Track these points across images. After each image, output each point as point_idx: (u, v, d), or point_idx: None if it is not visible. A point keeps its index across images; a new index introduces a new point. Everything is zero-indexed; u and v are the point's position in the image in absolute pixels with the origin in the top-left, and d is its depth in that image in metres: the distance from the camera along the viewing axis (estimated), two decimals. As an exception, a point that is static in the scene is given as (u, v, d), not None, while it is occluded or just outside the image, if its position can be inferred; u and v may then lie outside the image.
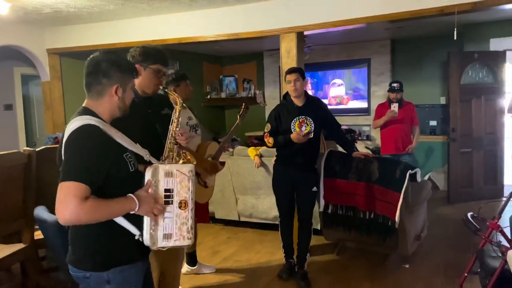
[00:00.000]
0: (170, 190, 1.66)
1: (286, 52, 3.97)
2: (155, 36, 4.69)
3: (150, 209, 1.60)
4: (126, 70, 1.67)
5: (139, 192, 1.61)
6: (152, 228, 1.63)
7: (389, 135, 4.89)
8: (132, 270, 1.67)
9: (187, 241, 1.69)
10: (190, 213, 1.68)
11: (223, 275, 3.66)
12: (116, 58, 1.66)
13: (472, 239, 3.85)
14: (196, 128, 3.32)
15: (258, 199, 4.63)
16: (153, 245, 1.64)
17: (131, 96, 1.73)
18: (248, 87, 8.05)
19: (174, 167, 1.69)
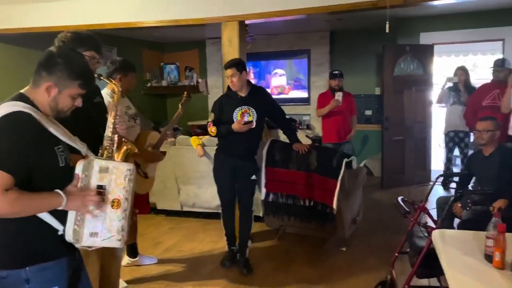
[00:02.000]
0: (103, 187, 1.57)
1: (228, 41, 3.95)
2: (92, 21, 4.45)
3: (80, 204, 1.52)
4: (72, 75, 1.55)
5: (68, 188, 1.53)
6: (77, 223, 1.53)
7: (332, 125, 5.02)
8: (56, 267, 1.56)
9: (115, 242, 1.59)
10: (122, 213, 1.59)
11: (166, 266, 3.63)
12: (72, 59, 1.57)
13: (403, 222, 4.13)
14: (135, 117, 3.23)
15: (201, 188, 4.61)
16: (77, 242, 1.55)
17: (68, 103, 1.59)
18: (190, 76, 7.92)
19: (111, 163, 1.62)
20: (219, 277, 3.41)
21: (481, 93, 4.68)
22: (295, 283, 3.27)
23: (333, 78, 4.97)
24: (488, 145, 3.29)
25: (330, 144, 5.01)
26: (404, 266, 3.08)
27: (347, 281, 3.28)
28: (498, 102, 4.29)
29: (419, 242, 2.56)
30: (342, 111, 4.95)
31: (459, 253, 1.91)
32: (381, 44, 5.98)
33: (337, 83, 4.93)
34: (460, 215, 3.17)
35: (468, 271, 1.73)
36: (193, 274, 3.47)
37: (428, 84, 6.03)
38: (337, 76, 4.94)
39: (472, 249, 1.94)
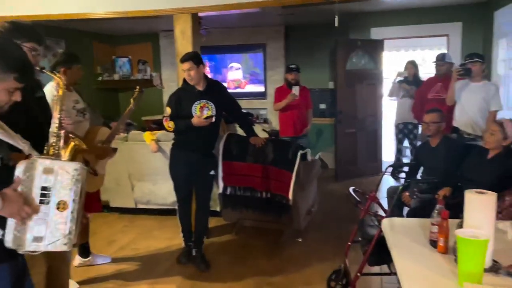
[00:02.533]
0: (48, 188, 1.48)
1: (180, 34, 3.88)
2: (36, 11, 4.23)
3: (16, 211, 1.41)
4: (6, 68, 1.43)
5: (5, 190, 1.41)
6: (17, 229, 1.44)
7: (288, 118, 5.05)
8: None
9: (61, 247, 1.51)
10: (69, 215, 1.52)
11: (120, 264, 3.54)
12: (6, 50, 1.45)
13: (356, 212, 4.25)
14: (84, 112, 3.10)
15: (156, 185, 4.52)
16: (19, 248, 1.46)
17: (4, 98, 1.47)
18: (144, 69, 7.73)
19: (57, 164, 1.52)
20: (175, 274, 3.36)
21: (426, 86, 4.89)
22: (252, 276, 3.28)
23: (289, 72, 5.01)
24: (435, 136, 3.44)
25: (287, 138, 5.05)
26: (357, 254, 3.17)
27: (303, 271, 3.34)
28: (442, 95, 4.50)
29: (370, 231, 2.64)
30: (298, 105, 5.01)
31: (407, 240, 1.98)
32: (334, 39, 6.10)
33: (293, 77, 4.97)
34: (409, 203, 3.31)
35: (414, 256, 1.80)
36: (148, 272, 3.41)
37: (379, 78, 6.22)
38: (293, 70, 4.98)
39: (419, 235, 2.02)
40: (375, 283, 3.04)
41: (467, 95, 4.01)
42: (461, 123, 4.06)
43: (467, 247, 1.51)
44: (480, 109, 3.93)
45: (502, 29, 5.25)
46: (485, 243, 1.51)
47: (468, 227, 1.65)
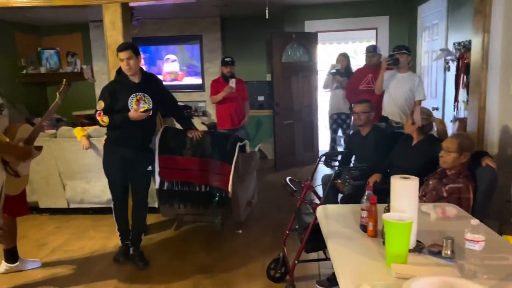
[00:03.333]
0: None
1: (110, 24, 3.71)
2: None
3: None
4: None
5: None
6: None
7: (225, 111, 5.06)
8: None
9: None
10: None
11: (52, 268, 3.35)
12: None
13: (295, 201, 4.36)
14: (2, 108, 2.86)
15: (89, 183, 4.32)
16: None
17: None
18: (73, 61, 7.32)
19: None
20: (112, 274, 3.24)
21: (357, 78, 5.10)
22: (192, 271, 3.25)
23: (225, 65, 5.00)
24: (365, 126, 3.60)
25: (225, 130, 5.05)
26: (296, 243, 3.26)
27: (243, 263, 3.36)
28: (373, 86, 4.72)
29: (306, 218, 2.72)
30: (235, 97, 5.02)
31: (339, 226, 2.06)
32: (270, 31, 6.16)
33: (228, 70, 4.98)
34: (343, 190, 3.44)
35: (346, 241, 1.87)
36: (83, 275, 3.25)
37: (313, 70, 6.38)
38: (228, 63, 4.99)
39: (350, 221, 2.10)
40: (313, 269, 3.14)
41: (395, 85, 4.25)
42: (390, 112, 4.31)
43: (393, 230, 1.60)
44: (406, 99, 4.20)
45: (424, 22, 5.60)
46: (410, 225, 1.60)
47: (394, 211, 1.74)
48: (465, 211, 2.32)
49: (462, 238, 1.58)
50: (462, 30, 4.32)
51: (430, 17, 5.35)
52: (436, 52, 4.92)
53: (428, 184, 2.74)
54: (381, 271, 1.61)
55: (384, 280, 1.52)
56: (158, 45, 7.34)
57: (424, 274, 1.55)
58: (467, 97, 3.93)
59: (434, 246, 1.74)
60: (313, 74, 6.37)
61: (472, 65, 3.55)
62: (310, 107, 6.40)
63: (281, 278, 2.98)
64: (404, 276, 1.53)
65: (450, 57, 4.52)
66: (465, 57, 4.04)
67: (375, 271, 1.61)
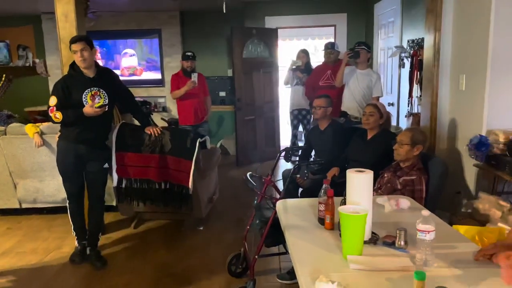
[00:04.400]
0: None
1: (63, 16, 3.55)
2: None
3: None
4: None
5: None
6: None
7: (189, 107, 4.98)
8: None
9: None
10: None
11: (2, 273, 3.19)
12: None
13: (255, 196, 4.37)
14: None
15: (43, 181, 4.14)
16: None
17: None
18: (25, 55, 6.95)
19: None
20: (68, 276, 3.14)
21: (316, 74, 5.18)
22: (152, 269, 3.20)
23: (186, 59, 4.94)
24: (323, 120, 3.66)
25: (188, 126, 4.99)
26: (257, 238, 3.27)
27: (205, 259, 3.34)
28: (332, 82, 4.80)
29: (267, 213, 2.73)
30: (197, 93, 4.97)
31: (298, 220, 2.09)
32: (230, 26, 6.13)
33: (189, 65, 4.92)
34: (302, 184, 3.48)
35: (304, 234, 1.90)
36: (36, 278, 3.11)
37: (274, 66, 6.42)
38: (189, 57, 4.93)
39: (309, 214, 2.14)
40: (274, 263, 3.17)
41: (354, 81, 4.35)
42: (349, 108, 4.41)
43: (348, 222, 1.64)
44: (365, 95, 4.32)
45: (380, 20, 5.76)
46: (364, 217, 1.64)
47: (350, 204, 1.78)
48: (418, 203, 2.41)
49: (415, 229, 1.63)
50: (415, 28, 4.47)
51: (386, 15, 5.50)
52: (392, 49, 5.07)
53: (383, 177, 2.83)
54: (337, 262, 1.65)
55: (341, 271, 1.55)
56: (116, 39, 7.14)
57: (378, 264, 1.60)
58: (420, 92, 4.08)
59: (388, 237, 1.80)
60: (273, 70, 6.41)
61: (425, 62, 3.69)
62: (271, 102, 6.43)
63: (242, 273, 2.99)
64: (359, 267, 1.57)
65: (404, 54, 4.68)
66: (419, 54, 4.19)
67: (332, 263, 1.64)
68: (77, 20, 3.56)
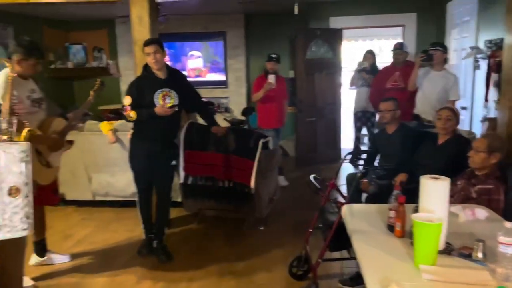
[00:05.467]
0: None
1: (137, 20, 3.74)
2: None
3: None
4: None
5: None
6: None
7: (271, 111, 4.95)
8: None
9: (20, 232, 1.46)
10: (24, 200, 1.45)
11: (77, 259, 3.42)
12: None
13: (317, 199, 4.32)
14: (41, 102, 2.95)
15: (114, 176, 4.39)
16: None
17: None
18: (99, 57, 7.45)
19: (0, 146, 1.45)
20: (135, 267, 3.29)
21: (383, 75, 5.00)
22: (215, 265, 3.27)
23: (269, 61, 4.90)
24: (390, 124, 3.54)
25: (270, 130, 4.92)
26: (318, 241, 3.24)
27: (265, 259, 3.36)
28: (400, 84, 4.63)
29: (331, 217, 2.69)
30: (278, 96, 4.93)
31: (365, 225, 2.04)
32: (294, 27, 6.12)
33: (272, 67, 4.87)
34: (367, 190, 3.39)
35: (373, 241, 1.85)
36: (107, 265, 3.32)
37: (337, 67, 6.31)
38: (273, 59, 4.90)
39: (377, 221, 2.08)
40: (336, 268, 3.12)
41: (428, 83, 4.13)
42: (422, 111, 4.19)
43: (422, 230, 1.57)
44: (440, 98, 4.06)
45: (453, 20, 5.46)
46: (439, 226, 1.57)
47: (423, 212, 1.71)
48: (496, 213, 2.26)
49: (494, 241, 1.53)
50: (494, 28, 4.19)
51: (460, 14, 5.21)
52: (466, 50, 4.79)
53: (456, 184, 2.68)
54: (409, 271, 1.59)
55: (413, 281, 1.50)
56: (183, 41, 7.39)
57: (454, 276, 1.52)
58: (497, 96, 3.82)
59: (464, 249, 1.71)
60: (337, 71, 6.30)
61: (504, 63, 3.44)
62: (333, 104, 6.33)
63: (303, 276, 2.97)
64: (433, 278, 1.50)
65: (480, 55, 4.40)
66: (497, 56, 3.92)
67: (403, 272, 1.59)
68: (150, 23, 3.73)
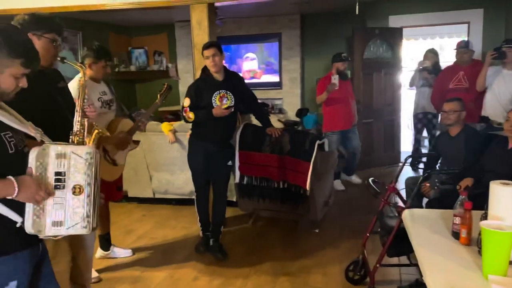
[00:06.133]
0: (62, 173, 1.51)
1: (197, 24, 3.86)
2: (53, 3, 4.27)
3: (31, 196, 1.44)
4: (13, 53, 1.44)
5: (21, 177, 1.44)
6: (35, 214, 1.47)
7: (335, 112, 4.86)
8: (13, 262, 1.49)
9: (81, 230, 1.54)
10: (85, 199, 1.54)
11: (138, 253, 3.59)
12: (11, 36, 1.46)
13: (372, 202, 4.21)
14: (111, 104, 3.13)
15: (173, 175, 4.56)
16: (40, 233, 1.49)
17: (11, 84, 1.48)
18: (160, 60, 7.75)
19: (69, 148, 1.54)
20: (193, 263, 3.40)
21: (446, 75, 4.75)
22: (269, 266, 3.29)
23: (341, 61, 4.81)
24: (454, 126, 3.37)
25: (335, 133, 4.90)
26: (375, 245, 3.16)
27: (320, 262, 3.33)
28: (465, 84, 4.39)
29: (390, 221, 2.62)
30: (344, 97, 4.83)
31: (428, 231, 1.96)
32: (351, 27, 6.01)
33: (342, 66, 4.79)
34: (428, 194, 3.26)
35: (437, 248, 1.77)
36: (166, 261, 3.44)
37: (397, 67, 6.11)
38: (344, 59, 4.80)
39: (440, 227, 1.99)
40: (393, 273, 3.02)
41: (500, 83, 3.87)
42: (492, 113, 3.93)
43: (492, 239, 1.48)
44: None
45: (525, 15, 5.10)
46: (511, 235, 1.48)
47: (493, 219, 1.62)
48: None
49: None
50: None
51: (533, 8, 4.85)
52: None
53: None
54: (476, 281, 1.51)
55: (481, 292, 1.42)
56: (239, 43, 7.50)
57: (528, 289, 1.42)
58: None
59: (539, 260, 1.59)
60: (396, 71, 6.10)
61: None
62: (392, 105, 6.14)
63: (359, 280, 2.91)
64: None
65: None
66: None
67: (469, 281, 1.51)
68: (209, 27, 3.83)
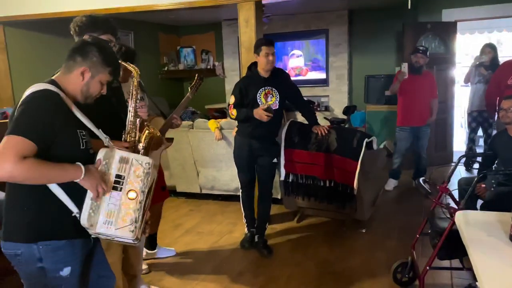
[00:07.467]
0: (121, 176, 1.61)
1: (244, 22, 3.89)
2: (107, 5, 4.46)
3: (94, 185, 1.55)
4: (105, 61, 1.65)
5: (89, 166, 1.57)
6: (92, 208, 1.56)
7: (409, 106, 4.74)
8: (68, 248, 1.60)
9: (128, 233, 1.60)
10: (137, 205, 1.61)
11: (186, 247, 3.68)
12: (105, 47, 1.68)
13: (423, 203, 4.07)
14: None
15: (219, 171, 4.63)
16: (91, 228, 1.58)
17: (98, 88, 1.68)
18: (207, 59, 7.89)
19: (132, 156, 1.65)
20: (238, 259, 3.44)
21: (504, 71, 4.48)
22: (314, 265, 3.27)
23: (421, 53, 4.67)
24: (514, 124, 3.18)
25: (407, 129, 4.78)
26: (424, 247, 3.05)
27: (366, 262, 3.27)
28: (525, 80, 4.13)
29: (441, 223, 2.52)
30: (421, 91, 4.65)
31: (483, 234, 1.87)
32: (401, 22, 5.82)
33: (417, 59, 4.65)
34: (483, 196, 3.11)
35: (493, 252, 1.69)
36: (212, 256, 3.51)
37: (451, 63, 5.85)
38: (421, 51, 4.65)
39: (497, 230, 1.89)
40: (444, 277, 2.91)
41: None
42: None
43: (556, 245, 1.39)
44: None
45: None
46: None
47: (557, 224, 1.51)
48: None
49: None
50: None
51: None
52: None
53: None
54: (538, 290, 1.42)
55: (543, 301, 1.33)
56: (285, 41, 7.47)
57: None
58: None
59: None
60: (450, 67, 5.84)
61: None
62: (444, 103, 5.86)
63: (408, 283, 2.82)
64: None
65: None
66: None
67: (530, 289, 1.42)
68: (256, 25, 3.85)
